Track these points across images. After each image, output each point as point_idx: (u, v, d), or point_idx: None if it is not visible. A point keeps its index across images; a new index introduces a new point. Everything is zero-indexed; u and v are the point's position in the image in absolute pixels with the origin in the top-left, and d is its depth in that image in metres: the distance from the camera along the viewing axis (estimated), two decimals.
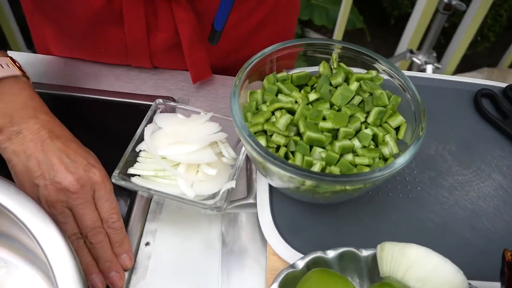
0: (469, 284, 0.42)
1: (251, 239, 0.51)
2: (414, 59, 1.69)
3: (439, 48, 2.09)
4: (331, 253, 0.44)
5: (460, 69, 2.12)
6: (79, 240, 0.47)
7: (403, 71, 0.50)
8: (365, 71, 0.51)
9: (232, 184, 0.48)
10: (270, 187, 0.51)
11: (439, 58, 2.05)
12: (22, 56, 0.67)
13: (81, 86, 0.64)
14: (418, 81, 0.60)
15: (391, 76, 0.49)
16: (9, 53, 0.63)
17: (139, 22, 0.58)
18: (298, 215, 0.50)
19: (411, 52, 1.71)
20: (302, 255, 0.46)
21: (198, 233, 0.51)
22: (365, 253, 0.45)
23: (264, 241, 0.50)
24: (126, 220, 0.51)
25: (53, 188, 0.45)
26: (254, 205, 0.52)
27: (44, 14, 0.65)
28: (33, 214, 0.39)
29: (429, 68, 1.64)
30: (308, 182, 0.40)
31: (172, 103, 0.55)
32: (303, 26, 2.18)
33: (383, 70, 0.50)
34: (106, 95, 0.63)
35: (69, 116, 0.61)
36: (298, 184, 0.42)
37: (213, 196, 0.49)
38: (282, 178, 0.42)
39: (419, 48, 1.80)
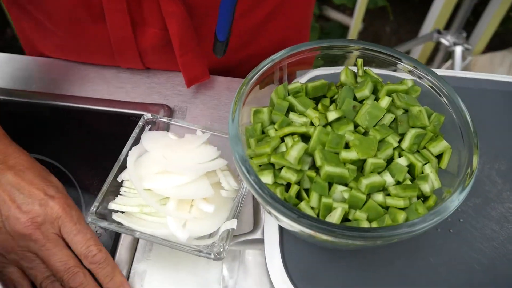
0: None
1: (258, 284, 0.43)
2: (442, 40, 1.55)
3: (467, 27, 1.94)
4: None
5: (490, 48, 1.97)
6: (55, 284, 0.39)
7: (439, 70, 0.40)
8: (391, 72, 0.41)
9: (233, 224, 0.39)
10: None
11: (467, 37, 1.91)
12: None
13: (66, 91, 0.55)
14: (456, 82, 0.50)
15: (430, 86, 0.40)
16: None
17: (122, 16, 0.49)
18: (315, 260, 0.41)
19: (439, 32, 1.57)
20: None
21: (194, 276, 0.43)
22: None
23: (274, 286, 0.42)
24: None
25: (7, 232, 0.37)
26: (262, 241, 0.44)
27: (20, 7, 0.56)
28: None
29: (459, 50, 1.51)
30: (325, 237, 0.31)
31: (165, 119, 0.46)
32: (321, 4, 2.05)
33: (409, 71, 0.40)
34: (91, 103, 0.54)
35: (49, 130, 0.53)
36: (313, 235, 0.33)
37: (211, 234, 0.41)
38: (293, 226, 0.33)
39: (446, 27, 1.66)
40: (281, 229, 0.42)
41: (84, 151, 0.51)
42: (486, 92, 0.54)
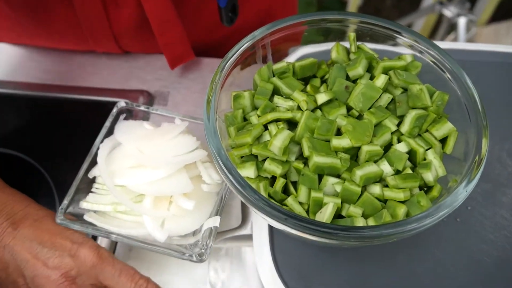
0: None
1: (248, 282, 0.39)
2: (445, 11, 1.49)
3: None
4: None
5: (495, 18, 1.90)
6: None
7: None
8: (389, 47, 0.37)
9: (216, 221, 0.35)
10: None
11: (471, 7, 1.84)
12: None
13: (36, 79, 0.51)
14: (460, 55, 0.45)
15: (432, 61, 0.35)
16: None
17: None
18: (307, 257, 0.37)
19: (441, 3, 1.50)
20: None
21: (179, 276, 0.40)
22: None
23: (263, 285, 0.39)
24: None
25: None
26: (251, 237, 0.40)
27: None
28: None
29: (462, 21, 1.45)
30: (315, 238, 0.27)
31: (142, 107, 0.42)
32: None
33: (409, 46, 0.36)
34: (65, 91, 0.50)
35: (20, 122, 0.49)
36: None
37: (194, 232, 0.37)
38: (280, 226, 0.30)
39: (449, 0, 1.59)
40: (271, 226, 0.39)
41: (59, 144, 0.48)
42: (492, 65, 0.49)
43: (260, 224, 0.39)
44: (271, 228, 0.38)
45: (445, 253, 0.38)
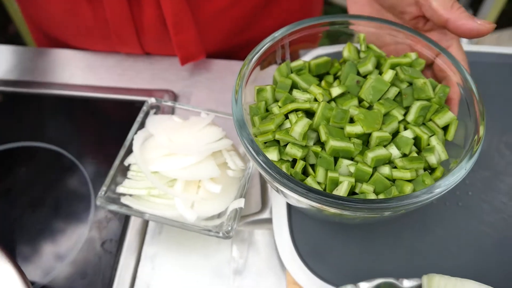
0: None
1: (268, 263, 0.43)
2: None
3: (473, 5, 1.91)
4: (364, 286, 0.36)
5: (498, 26, 1.94)
6: None
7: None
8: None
9: (241, 203, 0.39)
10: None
11: (474, 15, 1.88)
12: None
13: (70, 80, 0.56)
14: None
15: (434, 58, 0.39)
16: None
17: None
18: (323, 235, 0.41)
19: None
20: (329, 286, 0.38)
21: (205, 257, 0.44)
22: (407, 284, 0.36)
23: (283, 266, 0.42)
24: (120, 244, 0.44)
25: None
26: (270, 221, 0.44)
27: None
28: None
29: None
30: (333, 210, 0.31)
31: (169, 103, 0.46)
32: None
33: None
34: (96, 91, 0.54)
35: (55, 119, 0.53)
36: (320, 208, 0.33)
37: (219, 215, 0.41)
38: (300, 202, 0.34)
39: None
40: (289, 208, 0.42)
41: (90, 139, 0.52)
42: (492, 65, 0.53)
43: (279, 208, 0.43)
44: (289, 211, 0.42)
45: (448, 233, 0.42)
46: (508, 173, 0.45)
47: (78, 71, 0.57)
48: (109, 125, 0.53)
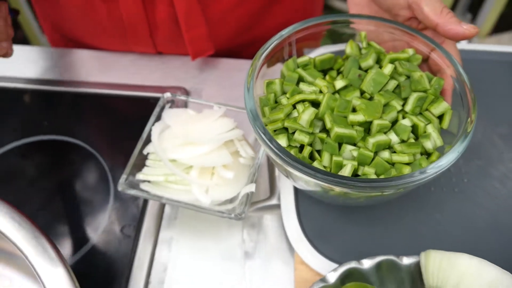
0: None
1: (276, 245, 0.46)
2: None
3: (472, 9, 1.95)
4: (367, 263, 0.39)
5: (496, 29, 1.97)
6: None
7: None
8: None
9: (252, 187, 0.42)
10: (295, 187, 0.46)
11: (473, 19, 1.91)
12: (18, 50, 0.63)
13: (86, 79, 0.59)
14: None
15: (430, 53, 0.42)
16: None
17: None
18: (328, 218, 0.44)
19: None
20: (334, 264, 0.41)
21: (217, 241, 0.47)
22: (406, 261, 0.39)
23: (291, 248, 0.45)
24: (138, 229, 0.47)
25: None
26: (278, 206, 0.47)
27: None
28: (28, 239, 0.35)
29: None
30: (338, 189, 0.34)
31: (182, 97, 0.49)
32: None
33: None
34: (113, 88, 0.58)
35: (75, 115, 0.56)
36: (327, 189, 0.36)
37: (231, 200, 0.44)
38: (307, 183, 0.37)
39: (452, 9, 1.67)
40: (296, 193, 0.45)
41: (108, 133, 0.55)
42: (487, 63, 0.56)
43: (286, 194, 0.46)
44: (296, 196, 0.45)
45: (445, 216, 0.45)
46: (501, 161, 0.48)
47: (94, 70, 0.61)
48: (125, 120, 0.56)
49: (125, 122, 0.56)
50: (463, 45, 0.59)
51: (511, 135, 0.50)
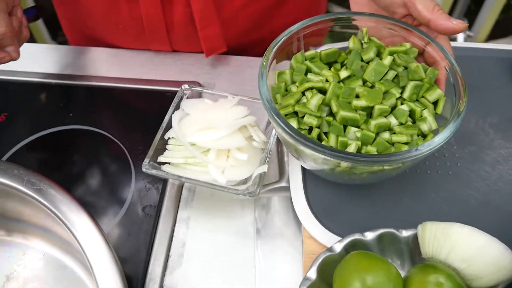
0: None
1: (285, 223, 0.50)
2: None
3: (469, 15, 2.00)
4: (369, 235, 0.43)
5: (493, 35, 2.03)
6: None
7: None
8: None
9: (264, 168, 0.46)
10: (303, 169, 0.50)
11: (469, 26, 1.97)
12: (45, 48, 0.67)
13: (107, 74, 0.64)
14: (455, 51, 0.57)
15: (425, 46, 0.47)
16: (35, 45, 0.64)
17: None
18: (333, 197, 0.48)
19: None
20: (340, 238, 0.45)
21: (231, 219, 0.51)
22: (405, 233, 0.43)
23: (299, 225, 0.49)
24: (159, 209, 0.51)
25: None
26: (287, 188, 0.51)
27: None
28: (68, 208, 0.39)
29: (461, 37, 1.57)
30: (344, 164, 0.38)
31: (199, 88, 0.54)
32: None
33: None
34: (132, 83, 0.62)
35: (98, 107, 0.61)
36: (333, 166, 0.40)
37: (245, 181, 0.48)
38: (316, 161, 0.41)
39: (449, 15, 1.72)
40: (304, 175, 0.50)
41: (128, 123, 0.59)
42: (479, 59, 0.61)
43: (295, 175, 0.50)
44: (304, 177, 0.49)
45: (440, 196, 0.49)
46: (491, 147, 0.52)
47: (114, 66, 0.65)
48: (144, 111, 0.61)
49: (143, 113, 0.60)
50: (459, 43, 0.64)
51: (501, 125, 0.54)
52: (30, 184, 0.40)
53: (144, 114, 0.60)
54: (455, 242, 0.39)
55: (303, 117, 0.43)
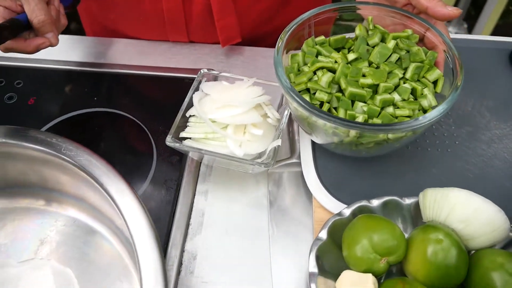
0: (510, 228, 0.44)
1: (296, 196, 0.54)
2: None
3: (469, 20, 2.05)
4: (375, 202, 0.47)
5: None
6: None
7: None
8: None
9: (279, 142, 0.51)
10: (313, 145, 0.54)
11: (469, 30, 2.01)
12: (70, 39, 0.72)
13: (129, 63, 0.68)
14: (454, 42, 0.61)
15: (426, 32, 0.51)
16: (61, 36, 0.68)
17: None
18: (341, 170, 0.52)
19: None
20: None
21: (246, 193, 0.55)
22: (407, 201, 0.48)
23: (308, 197, 0.53)
24: (179, 183, 0.55)
25: None
26: (297, 164, 0.55)
27: None
28: (103, 171, 0.43)
29: None
30: (352, 133, 0.43)
31: (216, 72, 0.58)
32: None
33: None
34: (152, 70, 0.67)
35: (121, 92, 0.65)
36: (343, 136, 0.45)
37: (260, 156, 0.53)
38: (327, 131, 0.45)
39: (448, 20, 1.77)
40: (314, 150, 0.54)
41: (151, 107, 0.63)
42: (476, 49, 0.65)
43: (306, 150, 0.54)
44: (314, 153, 0.54)
45: (440, 171, 0.53)
46: (487, 128, 0.56)
47: (135, 55, 0.69)
48: (163, 96, 0.65)
49: (162, 98, 0.65)
50: (460, 35, 0.68)
51: (497, 108, 0.58)
52: (67, 151, 0.44)
53: (163, 98, 0.64)
54: (453, 204, 0.44)
55: (314, 93, 0.47)
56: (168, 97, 0.65)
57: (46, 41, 0.54)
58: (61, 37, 0.71)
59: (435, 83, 0.49)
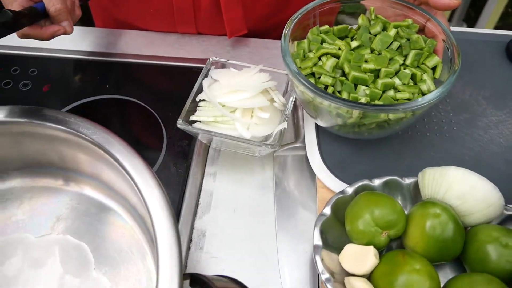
0: (505, 205, 0.46)
1: (300, 178, 0.57)
2: None
3: (469, 21, 2.08)
4: (376, 181, 0.50)
5: None
6: None
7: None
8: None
9: (285, 124, 0.53)
10: (317, 129, 0.56)
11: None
12: (82, 30, 0.74)
13: (139, 52, 0.71)
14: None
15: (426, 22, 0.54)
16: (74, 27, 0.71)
17: None
18: (344, 153, 0.55)
19: None
20: None
21: (253, 175, 0.57)
22: (407, 181, 0.50)
23: (313, 179, 0.56)
24: (188, 165, 0.57)
25: None
26: (302, 148, 0.58)
27: None
28: (119, 149, 0.46)
29: None
30: (355, 113, 0.45)
31: (223, 59, 0.60)
32: None
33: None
34: (162, 60, 0.69)
35: (132, 80, 0.68)
36: (346, 117, 0.47)
37: (266, 139, 0.55)
38: (331, 113, 0.47)
39: (448, 20, 1.80)
40: (318, 134, 0.56)
41: (160, 94, 0.66)
42: (474, 42, 0.68)
43: (310, 134, 0.56)
44: (318, 136, 0.56)
45: (439, 154, 0.55)
46: (483, 115, 0.59)
47: (144, 46, 0.72)
48: (172, 84, 0.68)
49: (172, 86, 0.67)
50: (460, 28, 0.71)
51: (493, 97, 0.61)
52: (85, 129, 0.46)
53: (172, 87, 0.67)
54: (451, 182, 0.46)
55: (319, 78, 0.50)
56: (177, 85, 0.67)
57: (61, 28, 0.56)
58: (75, 28, 0.73)
59: (434, 69, 0.52)
